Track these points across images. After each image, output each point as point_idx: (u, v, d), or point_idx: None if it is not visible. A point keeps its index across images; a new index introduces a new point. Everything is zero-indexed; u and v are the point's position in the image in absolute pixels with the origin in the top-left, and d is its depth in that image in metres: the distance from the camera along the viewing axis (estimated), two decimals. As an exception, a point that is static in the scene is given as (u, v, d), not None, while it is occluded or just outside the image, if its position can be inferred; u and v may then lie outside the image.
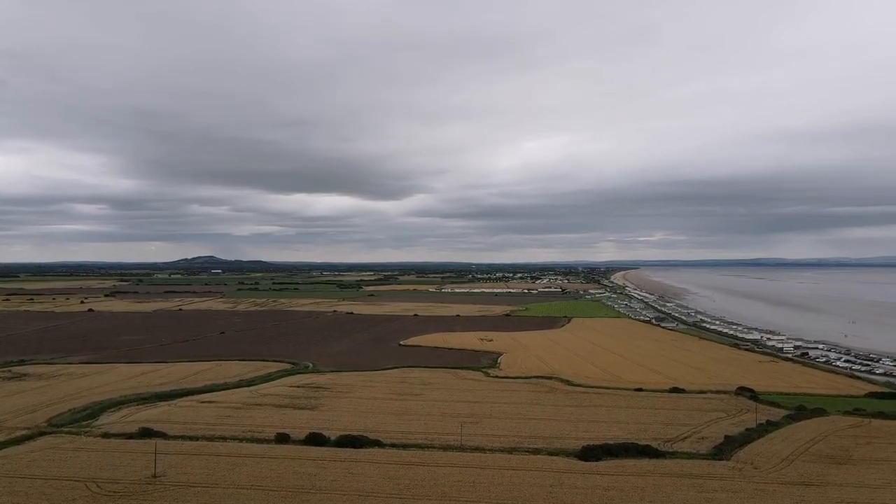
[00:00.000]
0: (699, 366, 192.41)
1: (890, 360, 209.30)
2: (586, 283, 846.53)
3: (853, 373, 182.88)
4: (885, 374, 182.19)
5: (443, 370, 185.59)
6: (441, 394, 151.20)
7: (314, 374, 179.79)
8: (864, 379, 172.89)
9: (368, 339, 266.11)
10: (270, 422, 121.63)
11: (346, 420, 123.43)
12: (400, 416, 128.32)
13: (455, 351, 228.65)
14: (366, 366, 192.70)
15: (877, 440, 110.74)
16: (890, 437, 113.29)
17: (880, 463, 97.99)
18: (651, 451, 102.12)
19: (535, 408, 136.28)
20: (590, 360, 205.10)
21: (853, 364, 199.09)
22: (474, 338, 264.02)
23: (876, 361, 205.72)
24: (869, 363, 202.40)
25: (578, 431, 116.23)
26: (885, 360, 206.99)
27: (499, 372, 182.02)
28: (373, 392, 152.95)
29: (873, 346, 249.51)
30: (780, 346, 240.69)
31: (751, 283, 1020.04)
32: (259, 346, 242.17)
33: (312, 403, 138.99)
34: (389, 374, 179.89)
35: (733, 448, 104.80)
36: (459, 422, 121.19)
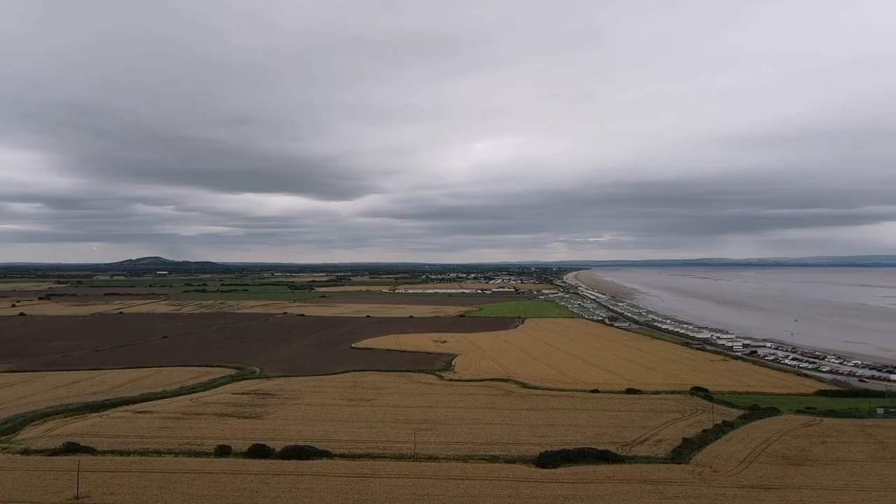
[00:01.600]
0: (653, 366, 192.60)
1: (834, 357, 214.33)
2: (539, 284, 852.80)
3: (801, 371, 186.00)
4: (831, 372, 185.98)
5: (396, 374, 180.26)
6: (394, 399, 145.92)
7: (261, 379, 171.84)
8: (813, 377, 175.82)
9: (319, 342, 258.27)
10: (211, 433, 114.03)
11: (293, 429, 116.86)
12: (351, 423, 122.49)
13: (409, 353, 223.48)
14: (316, 370, 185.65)
15: (830, 440, 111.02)
16: (842, 436, 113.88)
17: (836, 464, 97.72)
18: (610, 455, 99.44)
19: (491, 412, 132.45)
20: (545, 361, 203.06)
21: (800, 362, 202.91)
22: (428, 339, 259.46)
23: (822, 359, 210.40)
24: (815, 361, 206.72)
25: (535, 436, 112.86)
26: (831, 358, 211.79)
27: (453, 375, 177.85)
28: (323, 398, 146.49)
29: (817, 344, 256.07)
30: (729, 345, 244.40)
31: (697, 282, 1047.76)
32: (204, 350, 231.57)
33: (258, 412, 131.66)
34: (341, 378, 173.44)
35: (691, 450, 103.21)
36: (413, 428, 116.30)
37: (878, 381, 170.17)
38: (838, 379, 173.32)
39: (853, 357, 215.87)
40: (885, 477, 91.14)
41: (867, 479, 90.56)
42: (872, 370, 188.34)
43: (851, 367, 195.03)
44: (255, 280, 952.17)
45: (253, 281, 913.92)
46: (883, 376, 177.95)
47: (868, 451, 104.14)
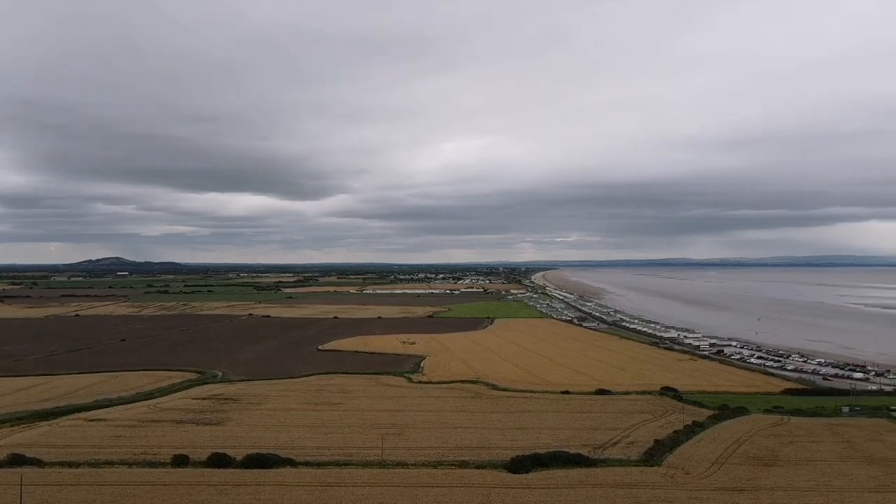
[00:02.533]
0: (622, 366, 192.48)
1: (798, 356, 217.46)
2: (508, 284, 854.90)
3: (767, 369, 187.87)
4: (796, 371, 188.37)
5: (363, 376, 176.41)
6: (361, 402, 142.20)
7: (223, 383, 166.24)
8: (779, 376, 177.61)
9: (285, 344, 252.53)
10: (168, 441, 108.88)
11: (255, 436, 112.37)
12: (316, 429, 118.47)
13: (376, 355, 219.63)
14: (281, 373, 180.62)
15: (798, 439, 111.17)
16: (810, 435, 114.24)
17: (805, 464, 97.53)
18: (582, 459, 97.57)
19: (461, 415, 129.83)
20: (515, 362, 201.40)
21: (766, 361, 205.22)
22: (396, 341, 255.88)
23: (786, 358, 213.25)
24: (780, 359, 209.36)
25: (506, 440, 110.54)
26: (795, 357, 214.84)
27: (422, 377, 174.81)
28: (287, 402, 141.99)
29: (781, 343, 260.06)
30: (696, 344, 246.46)
31: (662, 282, 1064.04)
32: (163, 353, 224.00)
33: (219, 418, 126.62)
34: (306, 381, 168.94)
35: (663, 452, 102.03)
36: (381, 433, 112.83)
37: (842, 380, 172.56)
38: (803, 377, 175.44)
39: (816, 355, 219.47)
40: (855, 477, 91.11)
41: (837, 479, 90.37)
42: (836, 368, 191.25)
43: (815, 365, 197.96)
44: (220, 281, 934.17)
45: (218, 282, 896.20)
46: (846, 374, 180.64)
47: (836, 451, 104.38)
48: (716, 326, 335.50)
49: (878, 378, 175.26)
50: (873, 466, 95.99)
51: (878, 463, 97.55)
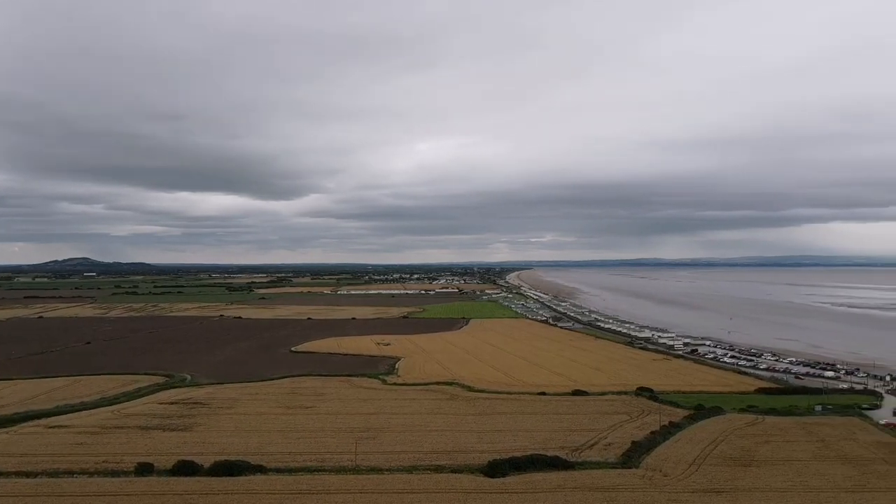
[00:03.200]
0: (598, 366, 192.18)
1: (770, 355, 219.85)
2: (483, 284, 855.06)
3: (740, 368, 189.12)
4: (768, 370, 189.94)
5: (337, 378, 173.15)
6: (335, 405, 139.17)
7: (192, 387, 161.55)
8: (752, 374, 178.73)
9: (257, 346, 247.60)
10: (133, 448, 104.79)
11: (224, 442, 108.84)
12: (288, 433, 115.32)
13: (350, 357, 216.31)
14: (252, 376, 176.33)
15: (773, 439, 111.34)
16: (785, 434, 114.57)
17: (781, 464, 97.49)
18: (560, 462, 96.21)
19: (437, 418, 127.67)
20: (490, 363, 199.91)
21: (739, 360, 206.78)
22: (371, 342, 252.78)
23: (759, 357, 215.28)
24: (753, 358, 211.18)
25: (483, 443, 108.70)
26: (767, 356, 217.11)
27: (397, 379, 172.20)
28: (258, 406, 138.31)
29: (753, 342, 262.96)
30: (671, 344, 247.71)
31: (635, 282, 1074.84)
32: (130, 356, 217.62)
33: (186, 423, 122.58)
34: (278, 384, 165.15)
35: (641, 454, 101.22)
36: (355, 438, 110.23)
37: (814, 378, 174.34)
38: (776, 376, 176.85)
39: (787, 354, 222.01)
40: (831, 477, 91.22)
41: (814, 479, 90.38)
42: (807, 367, 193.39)
43: (787, 364, 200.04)
44: (191, 281, 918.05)
45: (188, 282, 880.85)
46: (817, 373, 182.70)
47: (811, 450, 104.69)
48: (689, 326, 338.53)
49: (849, 377, 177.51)
50: (848, 466, 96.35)
51: (852, 462, 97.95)
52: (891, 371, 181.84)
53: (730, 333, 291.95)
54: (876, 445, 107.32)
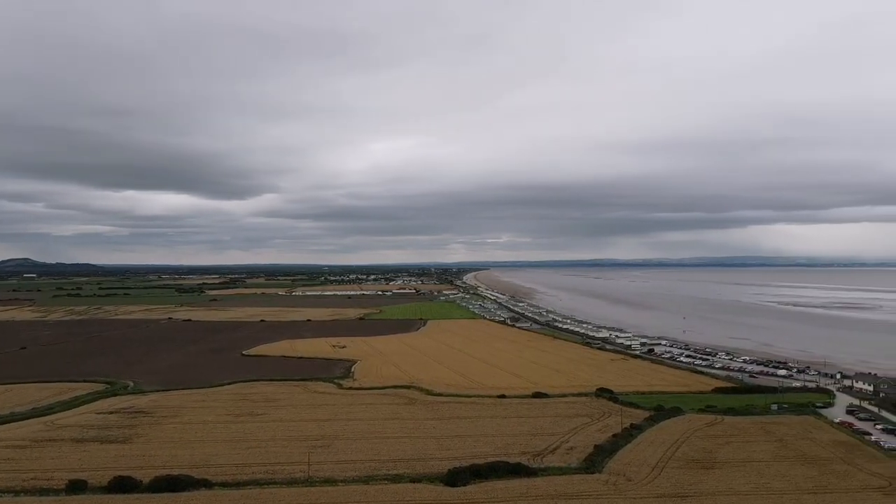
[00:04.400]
0: (557, 367, 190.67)
1: (725, 354, 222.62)
2: (440, 284, 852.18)
3: (696, 368, 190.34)
4: (723, 369, 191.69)
5: (290, 383, 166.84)
6: (287, 412, 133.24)
7: (134, 394, 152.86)
8: (708, 374, 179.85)
9: (206, 350, 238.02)
10: (66, 463, 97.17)
11: (167, 454, 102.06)
12: (237, 443, 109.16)
13: (305, 360, 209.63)
14: (200, 382, 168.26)
15: (734, 440, 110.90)
16: (745, 435, 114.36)
17: (743, 465, 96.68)
18: (522, 468, 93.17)
19: (394, 423, 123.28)
20: (449, 365, 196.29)
21: (695, 359, 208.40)
22: (326, 344, 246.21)
23: (713, 356, 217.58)
24: (708, 358, 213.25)
25: (442, 449, 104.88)
26: (721, 355, 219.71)
27: (353, 383, 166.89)
28: (205, 414, 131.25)
29: (707, 341, 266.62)
30: (628, 344, 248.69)
31: (590, 282, 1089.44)
32: (68, 363, 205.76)
33: (126, 434, 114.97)
34: (228, 390, 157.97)
35: (603, 458, 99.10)
36: (308, 446, 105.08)
37: (768, 377, 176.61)
38: (731, 375, 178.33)
39: (741, 353, 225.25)
40: (792, 478, 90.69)
41: (776, 480, 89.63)
42: (760, 366, 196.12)
43: (741, 363, 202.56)
44: (139, 283, 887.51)
45: (136, 284, 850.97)
46: (770, 372, 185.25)
47: (771, 450, 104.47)
48: (644, 325, 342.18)
49: (801, 375, 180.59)
50: (808, 466, 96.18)
51: (811, 462, 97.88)
52: (840, 369, 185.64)
53: (685, 333, 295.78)
54: (833, 444, 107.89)
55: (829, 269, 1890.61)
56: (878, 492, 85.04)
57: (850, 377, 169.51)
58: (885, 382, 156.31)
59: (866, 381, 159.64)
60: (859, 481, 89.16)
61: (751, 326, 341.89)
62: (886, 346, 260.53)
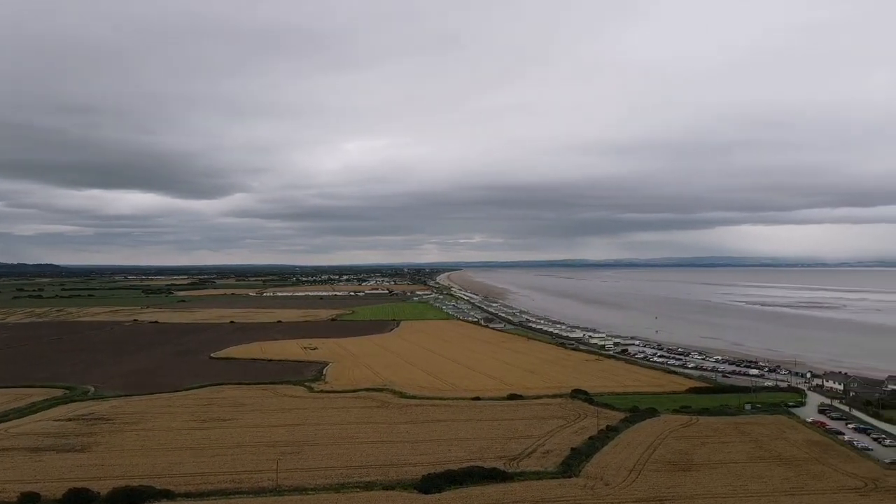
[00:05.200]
0: (532, 368, 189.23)
1: (697, 353, 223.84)
2: (413, 285, 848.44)
3: (669, 368, 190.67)
4: (696, 368, 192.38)
5: (260, 387, 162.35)
6: (256, 417, 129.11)
7: (95, 400, 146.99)
8: (682, 374, 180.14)
9: (173, 353, 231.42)
10: (18, 475, 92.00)
11: (127, 463, 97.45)
12: (202, 451, 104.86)
13: (275, 363, 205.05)
14: (165, 386, 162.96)
15: (709, 441, 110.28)
16: (720, 435, 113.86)
17: (720, 467, 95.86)
18: (498, 473, 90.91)
19: (367, 428, 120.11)
20: (423, 367, 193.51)
21: (668, 359, 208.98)
22: (297, 346, 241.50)
23: (686, 356, 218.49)
24: (681, 357, 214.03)
25: (416, 454, 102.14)
26: (694, 355, 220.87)
27: (325, 386, 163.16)
28: (170, 420, 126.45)
29: (679, 341, 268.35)
30: (601, 344, 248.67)
31: (562, 282, 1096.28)
32: (26, 367, 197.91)
33: (84, 442, 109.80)
34: (194, 394, 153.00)
35: (580, 461, 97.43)
36: (277, 453, 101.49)
37: (740, 377, 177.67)
38: (704, 375, 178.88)
39: (713, 353, 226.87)
40: (769, 479, 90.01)
41: (753, 482, 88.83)
42: (732, 365, 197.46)
43: (714, 362, 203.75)
44: (104, 284, 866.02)
45: (101, 285, 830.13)
46: (743, 371, 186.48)
47: (746, 451, 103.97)
48: (617, 325, 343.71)
49: (772, 374, 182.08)
50: (784, 467, 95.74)
51: (787, 463, 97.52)
52: (810, 368, 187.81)
53: (657, 332, 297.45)
54: (807, 444, 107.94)
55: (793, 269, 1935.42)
56: (854, 492, 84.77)
57: (819, 376, 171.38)
58: (854, 381, 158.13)
59: (836, 381, 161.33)
60: (835, 482, 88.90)
61: (721, 326, 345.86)
62: (852, 345, 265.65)
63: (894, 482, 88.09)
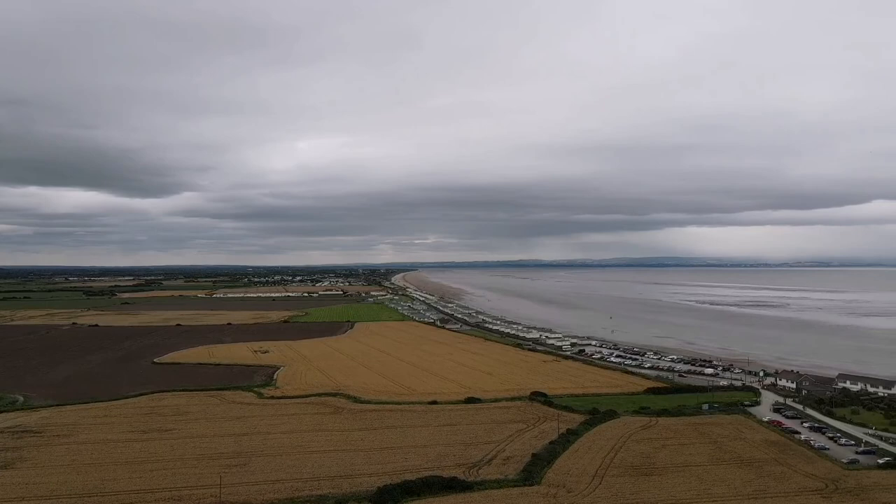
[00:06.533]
0: (489, 370, 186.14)
1: (653, 353, 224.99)
2: (368, 286, 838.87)
3: (627, 368, 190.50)
4: (653, 368, 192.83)
5: (205, 393, 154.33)
6: (200, 426, 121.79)
7: (23, 411, 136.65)
8: (639, 374, 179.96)
9: (113, 359, 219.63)
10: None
11: (55, 481, 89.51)
12: (139, 465, 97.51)
13: (223, 367, 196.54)
14: (102, 394, 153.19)
15: (670, 443, 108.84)
16: (680, 437, 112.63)
17: (682, 470, 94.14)
18: (457, 483, 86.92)
19: (319, 436, 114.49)
20: (378, 370, 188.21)
21: (624, 359, 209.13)
22: (248, 350, 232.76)
23: (642, 356, 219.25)
24: (637, 357, 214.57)
25: (371, 464, 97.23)
26: (650, 354, 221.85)
27: (275, 391, 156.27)
28: (106, 432, 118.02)
29: (635, 340, 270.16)
30: (559, 345, 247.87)
31: (517, 282, 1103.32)
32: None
33: (9, 458, 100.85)
34: (133, 403, 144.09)
35: (542, 467, 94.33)
36: (221, 466, 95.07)
37: (696, 376, 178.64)
38: (661, 375, 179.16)
39: (668, 352, 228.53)
40: (731, 482, 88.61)
41: (716, 486, 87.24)
42: (688, 364, 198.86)
43: (669, 362, 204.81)
44: (43, 285, 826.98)
45: (39, 286, 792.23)
46: (698, 370, 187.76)
47: (707, 453, 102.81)
48: (573, 325, 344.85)
49: (726, 373, 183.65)
50: (745, 469, 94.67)
51: (748, 465, 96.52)
52: (762, 366, 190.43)
53: (613, 332, 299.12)
54: (766, 445, 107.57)
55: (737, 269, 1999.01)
56: (816, 494, 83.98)
57: (772, 375, 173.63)
58: (806, 380, 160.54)
59: (789, 379, 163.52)
60: (797, 483, 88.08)
61: (673, 325, 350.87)
62: (800, 343, 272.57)
63: (854, 483, 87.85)
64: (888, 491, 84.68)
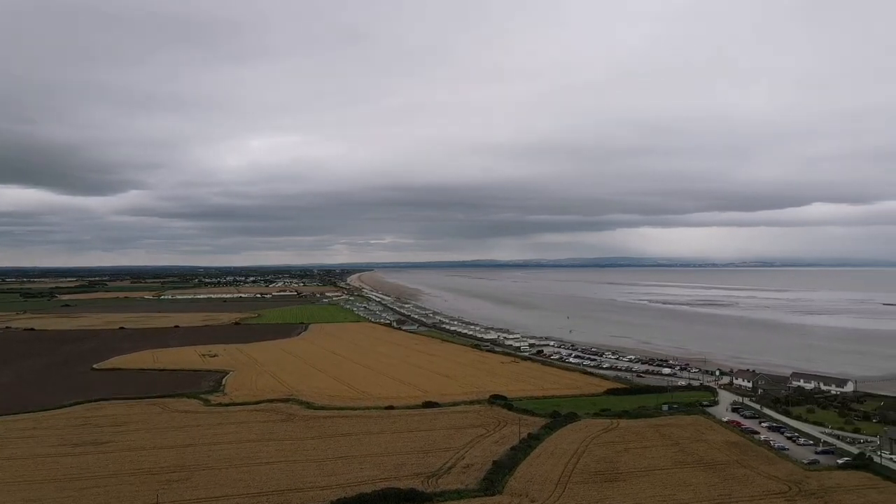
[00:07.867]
0: (447, 372, 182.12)
1: (611, 353, 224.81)
2: (323, 286, 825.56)
3: (585, 369, 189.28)
4: (611, 369, 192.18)
5: (147, 402, 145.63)
6: (139, 438, 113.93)
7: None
8: (598, 375, 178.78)
9: (48, 364, 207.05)
10: None
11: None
12: (69, 483, 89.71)
13: (168, 373, 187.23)
14: (33, 404, 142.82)
15: (632, 446, 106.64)
16: (641, 440, 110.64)
17: (646, 474, 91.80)
18: (416, 495, 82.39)
19: (269, 446, 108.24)
20: (332, 373, 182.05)
21: (583, 360, 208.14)
22: (195, 354, 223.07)
23: (600, 356, 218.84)
24: (595, 358, 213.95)
25: (324, 475, 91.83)
26: (608, 355, 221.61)
27: (223, 398, 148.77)
28: (34, 446, 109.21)
29: (592, 340, 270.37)
30: (517, 345, 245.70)
31: (474, 282, 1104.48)
32: None
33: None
34: (67, 413, 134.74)
35: (503, 475, 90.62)
36: (160, 482, 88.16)
37: (654, 376, 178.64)
38: (620, 375, 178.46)
39: (625, 352, 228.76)
40: (696, 486, 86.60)
41: (680, 491, 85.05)
42: (645, 364, 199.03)
43: (627, 362, 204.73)
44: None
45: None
46: (655, 370, 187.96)
47: (670, 456, 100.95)
48: (531, 326, 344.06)
49: (684, 372, 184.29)
50: (708, 472, 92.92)
51: (711, 467, 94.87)
52: (717, 366, 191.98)
53: (570, 332, 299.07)
54: (726, 446, 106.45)
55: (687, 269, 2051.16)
56: (780, 497, 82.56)
57: (728, 374, 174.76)
58: (762, 378, 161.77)
59: (745, 378, 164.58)
60: (760, 486, 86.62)
61: (629, 325, 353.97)
62: (751, 341, 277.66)
63: (817, 484, 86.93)
64: (850, 492, 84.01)
